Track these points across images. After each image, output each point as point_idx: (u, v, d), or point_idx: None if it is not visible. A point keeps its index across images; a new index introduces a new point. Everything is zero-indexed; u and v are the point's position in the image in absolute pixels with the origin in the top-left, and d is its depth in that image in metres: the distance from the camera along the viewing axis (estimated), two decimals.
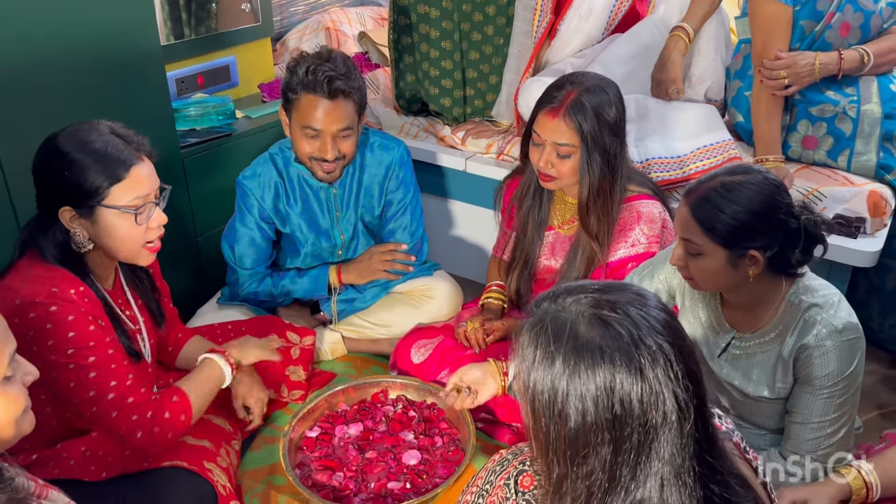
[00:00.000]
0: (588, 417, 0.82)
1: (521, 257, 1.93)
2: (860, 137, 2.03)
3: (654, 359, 0.82)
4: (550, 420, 0.85)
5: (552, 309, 0.87)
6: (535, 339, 0.86)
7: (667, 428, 0.82)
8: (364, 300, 2.15)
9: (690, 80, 2.31)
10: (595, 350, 0.82)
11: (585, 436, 0.83)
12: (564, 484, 0.87)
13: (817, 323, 1.34)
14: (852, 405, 1.38)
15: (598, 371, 0.81)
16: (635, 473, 0.84)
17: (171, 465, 1.43)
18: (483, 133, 2.50)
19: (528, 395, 0.87)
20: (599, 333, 0.83)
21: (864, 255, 1.87)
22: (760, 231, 1.29)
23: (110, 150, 1.35)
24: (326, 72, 1.83)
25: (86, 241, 1.38)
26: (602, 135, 1.66)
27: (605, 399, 0.81)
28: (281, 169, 2.03)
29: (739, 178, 1.31)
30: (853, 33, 2.02)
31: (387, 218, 2.14)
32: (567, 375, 0.83)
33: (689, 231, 1.34)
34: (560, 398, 0.83)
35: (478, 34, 2.48)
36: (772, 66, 2.01)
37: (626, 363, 0.81)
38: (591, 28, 2.34)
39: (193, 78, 2.44)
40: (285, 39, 3.31)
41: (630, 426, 0.82)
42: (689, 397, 0.83)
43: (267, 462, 1.73)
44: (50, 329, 1.30)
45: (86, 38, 1.76)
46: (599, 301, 0.85)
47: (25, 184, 1.53)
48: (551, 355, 0.84)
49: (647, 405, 0.81)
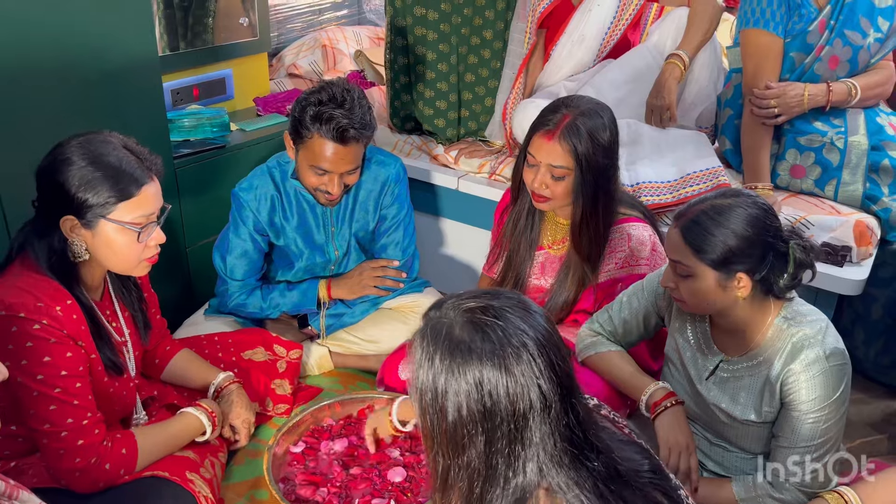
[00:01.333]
0: (463, 411, 0.91)
1: (511, 277, 1.94)
2: (847, 168, 2.06)
3: (518, 355, 0.90)
4: (433, 416, 0.94)
5: (435, 316, 0.96)
6: (420, 343, 0.95)
7: (534, 417, 0.91)
8: (353, 315, 2.14)
9: (683, 105, 2.35)
10: (465, 350, 0.91)
11: (462, 428, 0.92)
12: (449, 476, 0.95)
13: (805, 348, 1.35)
14: (838, 430, 1.38)
15: (468, 369, 0.90)
16: (510, 461, 0.92)
17: (153, 474, 1.42)
18: (476, 153, 2.52)
19: (416, 394, 0.96)
20: (470, 335, 0.92)
21: (849, 283, 1.90)
22: (749, 254, 1.31)
23: (124, 167, 1.34)
24: (341, 120, 1.80)
25: (83, 251, 1.37)
26: (596, 158, 1.68)
27: (476, 394, 0.90)
28: (278, 182, 2.03)
29: (729, 201, 1.33)
30: (842, 66, 2.06)
31: (379, 233, 2.15)
32: (444, 374, 0.91)
33: (679, 253, 1.36)
34: (440, 395, 0.92)
35: (474, 57, 2.51)
36: (762, 96, 2.05)
37: (492, 360, 0.90)
38: (583, 55, 2.37)
39: (189, 89, 2.45)
40: (282, 55, 3.33)
41: (499, 417, 0.90)
42: (552, 387, 0.91)
43: (250, 476, 1.71)
44: (29, 348, 1.29)
45: (83, 45, 1.77)
46: (476, 307, 0.94)
47: (17, 189, 1.53)
48: (430, 356, 0.93)
49: (513, 397, 0.90)
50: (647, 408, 1.52)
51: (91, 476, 1.36)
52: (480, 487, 0.93)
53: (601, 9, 2.33)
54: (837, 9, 2.02)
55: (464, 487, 0.94)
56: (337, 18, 3.70)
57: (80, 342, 1.36)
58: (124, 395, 1.50)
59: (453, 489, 0.95)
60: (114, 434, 1.42)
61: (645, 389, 1.53)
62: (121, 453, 1.40)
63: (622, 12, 2.34)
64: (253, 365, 1.91)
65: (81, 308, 1.38)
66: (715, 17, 2.22)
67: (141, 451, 1.43)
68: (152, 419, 1.60)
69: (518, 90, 2.42)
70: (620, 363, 1.63)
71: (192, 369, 1.76)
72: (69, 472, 1.35)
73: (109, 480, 1.39)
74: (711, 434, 1.55)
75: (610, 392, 1.66)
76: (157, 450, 1.47)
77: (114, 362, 1.45)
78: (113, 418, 1.53)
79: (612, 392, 1.66)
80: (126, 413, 1.57)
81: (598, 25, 2.35)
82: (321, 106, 1.82)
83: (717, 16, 2.23)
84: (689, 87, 2.33)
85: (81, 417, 1.35)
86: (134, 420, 1.58)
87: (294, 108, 1.88)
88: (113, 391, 1.46)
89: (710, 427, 1.54)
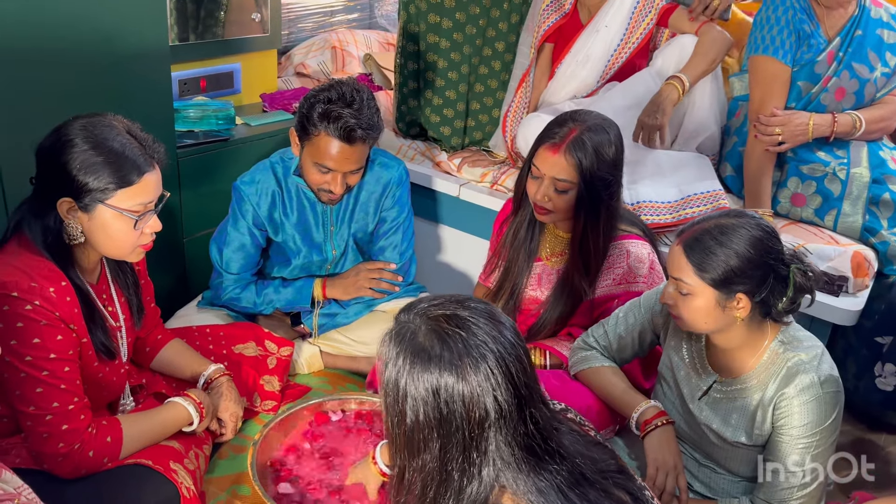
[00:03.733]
0: (420, 416, 0.93)
1: (507, 287, 1.94)
2: (848, 199, 2.07)
3: (475, 366, 0.92)
4: (394, 417, 0.97)
5: (404, 319, 0.98)
6: (388, 344, 0.97)
7: (490, 425, 0.93)
8: (346, 316, 2.13)
9: (685, 134, 2.34)
10: (426, 357, 0.93)
11: (419, 433, 0.94)
12: (405, 476, 0.98)
13: (800, 373, 1.35)
14: (827, 457, 1.38)
15: (426, 375, 0.93)
16: (465, 468, 0.94)
17: (136, 462, 1.40)
18: (479, 162, 2.53)
19: (381, 392, 0.99)
20: (431, 343, 0.94)
21: (845, 313, 1.90)
22: (750, 275, 1.31)
23: (127, 153, 1.33)
24: (348, 119, 1.79)
25: (78, 234, 1.36)
26: (600, 173, 1.68)
27: (433, 400, 0.92)
28: (280, 178, 2.03)
29: (733, 221, 1.34)
30: (847, 98, 2.08)
31: (378, 235, 2.14)
32: (405, 377, 0.94)
33: (680, 271, 1.36)
34: (400, 398, 0.95)
35: (485, 68, 2.52)
36: (767, 123, 2.06)
37: (450, 369, 0.92)
38: (587, 75, 2.37)
39: (196, 81, 2.45)
40: (291, 54, 3.33)
41: (454, 425, 0.92)
42: (509, 398, 0.93)
43: (233, 471, 1.69)
44: (19, 328, 1.28)
45: (95, 30, 1.77)
46: (442, 315, 0.97)
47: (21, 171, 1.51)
48: (395, 358, 0.95)
49: (469, 405, 0.92)
50: (637, 426, 1.52)
51: (73, 462, 1.34)
52: (434, 491, 0.96)
53: (609, 30, 2.33)
54: (847, 41, 2.04)
55: (417, 489, 0.97)
56: (348, 21, 3.71)
57: (72, 325, 1.35)
58: (114, 381, 1.49)
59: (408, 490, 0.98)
60: (99, 421, 1.40)
61: (636, 407, 1.52)
62: (105, 441, 1.38)
63: (630, 34, 2.35)
64: (243, 359, 1.89)
65: (76, 290, 1.37)
66: (722, 49, 2.21)
67: (126, 440, 1.41)
68: (139, 406, 1.59)
69: (520, 103, 2.43)
70: (613, 379, 1.62)
71: (183, 359, 1.75)
72: (52, 456, 1.33)
73: (92, 467, 1.37)
74: (700, 455, 1.54)
75: (600, 406, 1.65)
76: (142, 438, 1.45)
77: (106, 346, 1.44)
78: (100, 403, 1.51)
79: (603, 406, 1.65)
80: (114, 398, 1.55)
81: (604, 46, 2.35)
82: (330, 104, 1.81)
83: (725, 48, 2.21)
84: (692, 115, 2.32)
85: (67, 402, 1.33)
86: (121, 406, 1.57)
87: (302, 104, 1.87)
88: (103, 376, 1.45)
89: (699, 447, 1.54)
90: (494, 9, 2.44)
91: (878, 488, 1.76)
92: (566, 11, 2.38)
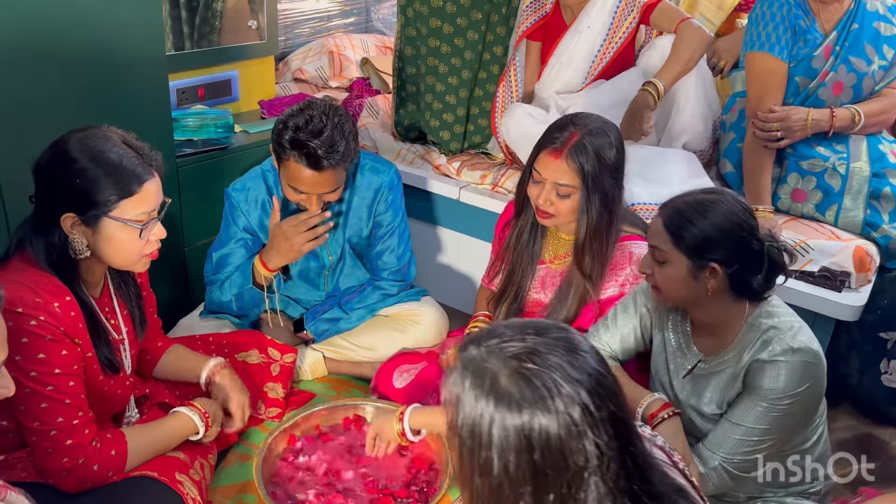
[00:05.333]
0: (510, 467, 0.82)
1: (511, 290, 1.93)
2: (848, 194, 2.07)
3: (570, 405, 0.81)
4: (475, 469, 0.84)
5: (477, 356, 0.86)
6: (461, 385, 0.85)
7: (589, 473, 0.82)
8: (349, 321, 2.13)
9: (669, 135, 2.33)
10: (512, 401, 0.82)
11: (510, 484, 0.82)
12: None
13: (773, 340, 1.38)
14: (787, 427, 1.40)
15: (515, 419, 0.81)
16: None
17: (142, 474, 1.40)
18: (478, 165, 2.52)
19: (455, 442, 0.86)
20: (517, 384, 0.82)
21: (847, 308, 1.90)
22: (722, 245, 1.37)
23: (125, 164, 1.33)
24: (316, 149, 1.76)
25: (84, 248, 1.36)
26: (602, 177, 1.68)
27: (525, 448, 0.81)
28: (271, 186, 2.02)
29: (713, 196, 1.41)
30: (846, 92, 2.07)
31: (375, 239, 2.14)
32: (489, 425, 0.82)
33: (657, 238, 1.42)
34: (484, 447, 0.83)
35: (484, 72, 2.52)
36: (765, 119, 2.06)
37: (542, 411, 0.81)
38: (571, 76, 2.36)
39: (194, 89, 2.45)
40: (288, 59, 3.33)
41: (551, 475, 0.82)
42: (608, 440, 0.83)
43: (239, 479, 1.70)
44: (24, 344, 1.28)
45: (92, 39, 1.77)
46: (520, 350, 0.85)
47: (19, 183, 1.51)
48: (473, 404, 0.84)
49: (567, 451, 0.81)
50: (643, 418, 1.53)
51: (78, 476, 1.35)
52: None
53: (591, 31, 2.31)
54: (843, 35, 2.04)
55: None
56: (345, 25, 3.71)
57: (77, 340, 1.35)
58: (119, 393, 1.49)
59: None
60: (104, 434, 1.41)
61: (641, 401, 1.54)
62: (110, 454, 1.38)
63: (613, 35, 2.32)
64: (247, 367, 1.90)
65: (80, 305, 1.37)
66: (699, 48, 2.16)
67: (131, 453, 1.42)
68: (143, 418, 1.59)
69: (504, 101, 2.43)
70: (616, 375, 1.62)
71: (185, 363, 1.75)
72: (57, 471, 1.33)
73: (97, 481, 1.37)
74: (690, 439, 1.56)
75: None
76: (147, 450, 1.45)
77: (110, 360, 1.44)
78: (105, 415, 1.51)
79: None
80: (119, 410, 1.56)
81: (587, 47, 2.33)
82: (297, 131, 1.78)
83: (702, 46, 2.17)
84: (676, 116, 2.31)
85: (72, 417, 1.33)
86: (126, 418, 1.57)
87: (275, 125, 1.85)
88: (108, 389, 1.45)
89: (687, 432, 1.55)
90: (493, 13, 2.44)
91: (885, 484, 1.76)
92: (546, 11, 2.38)
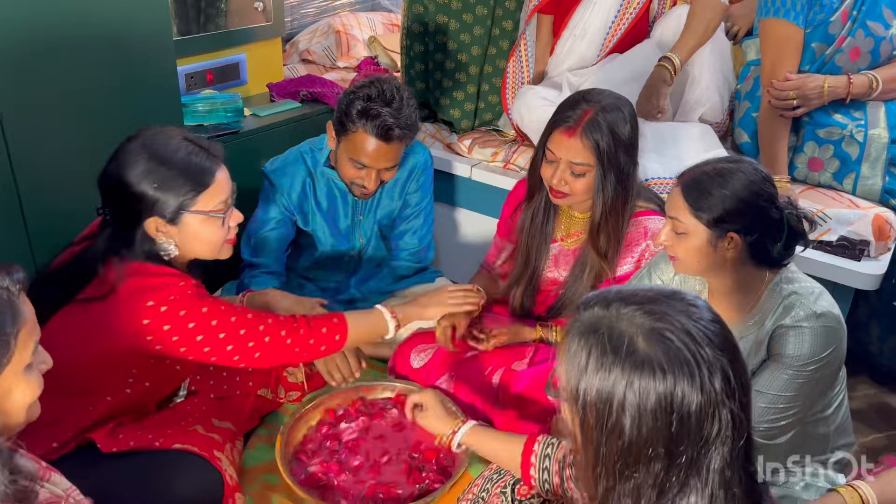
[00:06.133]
0: (644, 430, 0.81)
1: (527, 273, 1.91)
2: (866, 161, 2.04)
3: (712, 373, 0.81)
4: (602, 432, 0.83)
5: (606, 317, 0.85)
6: (588, 347, 0.84)
7: (720, 443, 0.82)
8: (365, 303, 2.13)
9: (686, 107, 2.31)
10: (655, 365, 0.81)
11: (639, 449, 0.82)
12: (611, 498, 0.85)
13: (796, 306, 1.37)
14: (811, 393, 1.39)
15: (658, 384, 0.80)
16: (683, 487, 0.83)
17: (183, 448, 1.44)
18: (489, 142, 2.51)
19: (577, 404, 0.85)
20: (660, 349, 0.81)
21: (867, 277, 1.88)
22: (742, 214, 1.34)
23: (194, 160, 1.37)
24: (387, 118, 1.79)
25: (172, 248, 1.40)
26: (617, 154, 1.66)
27: (664, 413, 0.80)
28: (310, 168, 2.02)
29: (731, 165, 1.38)
30: (863, 58, 2.04)
31: (400, 219, 2.14)
32: (624, 388, 0.81)
33: (676, 209, 1.39)
34: (615, 410, 0.82)
35: (493, 48, 2.49)
36: (781, 87, 2.03)
37: (687, 378, 0.80)
38: (585, 50, 2.33)
39: (203, 74, 2.44)
40: (295, 40, 3.31)
41: (685, 441, 0.81)
42: (742, 413, 0.82)
43: (262, 461, 1.71)
44: (166, 313, 1.33)
45: (99, 25, 1.76)
46: (656, 313, 0.84)
47: (31, 171, 1.52)
48: (608, 367, 0.82)
49: (703, 420, 0.81)
50: None
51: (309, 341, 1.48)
52: None
53: (605, 2, 2.28)
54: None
55: None
56: (350, 4, 3.68)
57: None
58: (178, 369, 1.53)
59: None
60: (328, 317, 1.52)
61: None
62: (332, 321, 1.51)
63: (627, 5, 2.28)
64: None
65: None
66: (714, 18, 2.15)
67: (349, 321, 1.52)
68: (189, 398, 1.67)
69: (514, 77, 2.40)
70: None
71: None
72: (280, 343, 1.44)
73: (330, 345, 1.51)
74: None
75: None
76: (360, 329, 1.55)
77: None
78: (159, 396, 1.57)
79: None
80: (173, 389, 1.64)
81: (601, 19, 2.30)
82: (369, 102, 1.80)
83: (717, 17, 2.15)
84: (691, 88, 2.28)
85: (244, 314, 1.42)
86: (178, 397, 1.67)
87: (342, 99, 1.86)
88: (180, 367, 1.50)
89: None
90: None
91: None
92: None
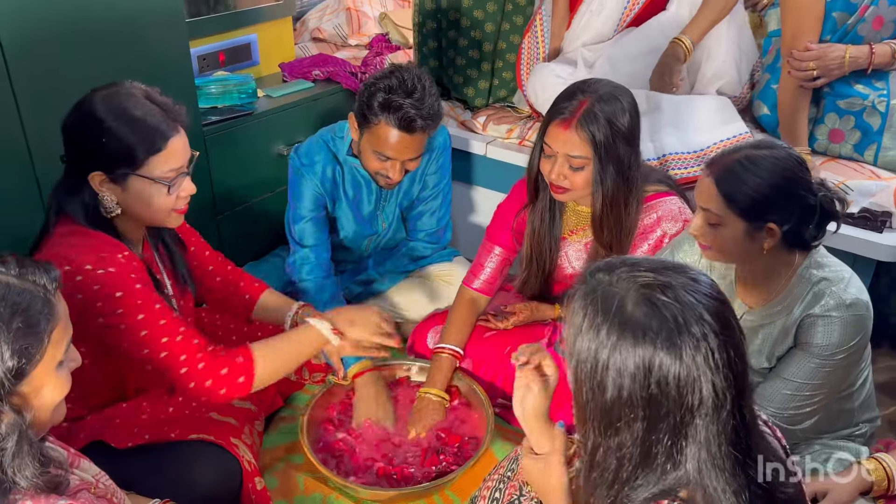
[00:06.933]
0: (624, 392, 0.85)
1: (540, 277, 1.87)
2: (888, 132, 2.01)
3: (696, 346, 0.83)
4: (589, 389, 0.88)
5: (605, 281, 0.89)
6: (584, 308, 0.88)
7: (703, 413, 0.84)
8: (383, 283, 2.14)
9: (703, 81, 2.27)
10: (638, 329, 0.84)
11: (619, 409, 0.85)
12: (597, 454, 0.90)
13: (825, 295, 1.35)
14: (838, 380, 1.39)
15: (638, 349, 0.83)
16: (671, 454, 0.86)
17: (199, 437, 1.44)
18: (504, 119, 2.49)
19: (572, 361, 0.90)
20: (645, 313, 0.84)
21: (888, 249, 1.86)
22: (780, 205, 1.30)
23: (149, 121, 1.31)
24: (409, 110, 1.75)
25: (114, 205, 1.35)
26: (616, 145, 1.59)
27: (642, 377, 0.83)
28: (336, 154, 2.00)
29: (764, 152, 1.32)
30: (886, 27, 1.99)
31: (418, 200, 2.13)
32: (608, 349, 0.85)
33: (710, 201, 1.34)
34: (600, 369, 0.86)
35: (507, 24, 2.45)
36: (801, 58, 1.99)
37: (666, 346, 0.83)
38: (601, 25, 2.29)
39: (215, 55, 2.43)
40: (305, 19, 3.28)
41: (665, 407, 0.84)
42: (727, 386, 0.84)
43: (286, 441, 1.74)
44: (98, 290, 1.29)
45: (111, 10, 1.74)
46: (652, 281, 0.86)
47: (47, 148, 1.51)
48: (597, 327, 0.86)
49: (683, 389, 0.83)
50: None
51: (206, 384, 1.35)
52: (629, 472, 0.88)
53: None
54: None
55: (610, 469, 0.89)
56: None
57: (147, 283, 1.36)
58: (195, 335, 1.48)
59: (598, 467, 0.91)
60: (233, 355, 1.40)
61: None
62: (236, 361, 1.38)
63: None
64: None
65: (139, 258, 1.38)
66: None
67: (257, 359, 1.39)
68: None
69: (529, 52, 2.37)
70: None
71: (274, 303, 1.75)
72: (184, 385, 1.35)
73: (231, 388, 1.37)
74: None
75: None
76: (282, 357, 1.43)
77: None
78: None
79: None
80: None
81: None
82: (391, 93, 1.76)
83: None
84: (708, 62, 2.24)
85: (174, 333, 1.34)
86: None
87: (362, 91, 1.83)
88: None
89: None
90: None
91: None
92: None
